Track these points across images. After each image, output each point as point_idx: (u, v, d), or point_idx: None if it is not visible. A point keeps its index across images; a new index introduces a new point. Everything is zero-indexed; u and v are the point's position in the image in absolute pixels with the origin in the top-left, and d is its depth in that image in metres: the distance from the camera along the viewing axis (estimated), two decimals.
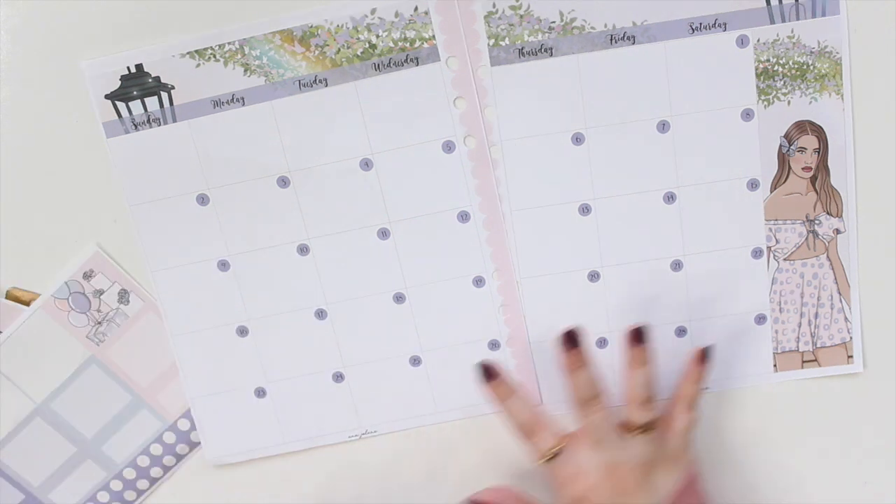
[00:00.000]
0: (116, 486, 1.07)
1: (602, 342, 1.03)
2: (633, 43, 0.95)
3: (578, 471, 0.94)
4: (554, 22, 0.94)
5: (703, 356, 0.98)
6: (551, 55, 0.95)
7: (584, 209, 0.99)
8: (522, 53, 0.95)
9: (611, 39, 0.95)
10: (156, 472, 1.07)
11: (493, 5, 0.94)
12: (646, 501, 0.94)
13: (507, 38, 0.95)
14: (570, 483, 0.95)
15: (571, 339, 0.95)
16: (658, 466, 0.95)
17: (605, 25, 0.94)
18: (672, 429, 0.97)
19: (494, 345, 1.03)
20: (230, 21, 0.94)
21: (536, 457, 0.96)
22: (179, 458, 1.06)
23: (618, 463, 0.93)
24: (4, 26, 0.94)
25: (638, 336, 0.95)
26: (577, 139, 0.97)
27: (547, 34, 0.95)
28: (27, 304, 1.01)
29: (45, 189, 0.98)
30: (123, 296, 1.01)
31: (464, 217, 0.99)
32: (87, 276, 1.00)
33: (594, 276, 1.01)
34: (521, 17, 0.94)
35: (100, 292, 1.01)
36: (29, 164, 0.98)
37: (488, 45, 0.95)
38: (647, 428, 0.95)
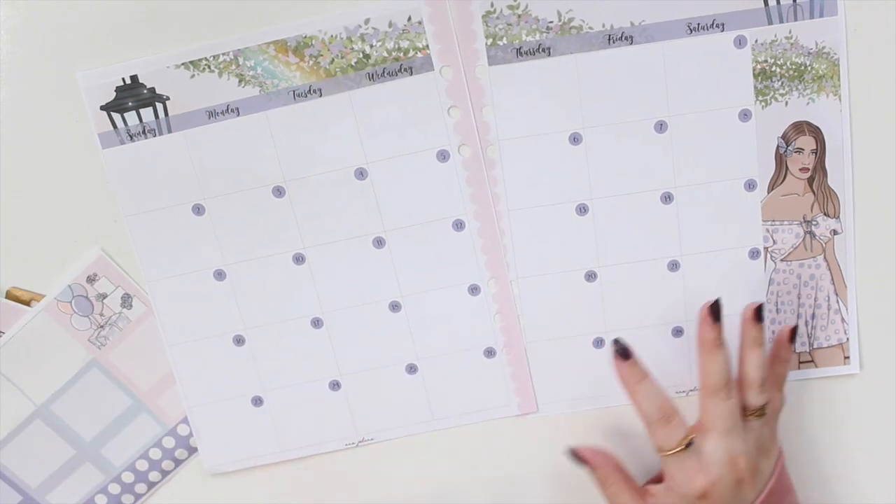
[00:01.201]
0: (114, 489, 1.08)
1: (598, 342, 1.03)
2: (631, 43, 0.95)
3: (703, 464, 0.92)
4: (552, 22, 0.94)
5: (792, 335, 0.99)
6: (549, 55, 0.95)
7: (582, 209, 0.99)
8: (520, 53, 0.95)
9: (609, 39, 0.94)
10: (154, 476, 1.07)
11: (491, 5, 0.93)
12: (754, 489, 0.93)
13: (504, 38, 0.94)
14: (691, 478, 0.92)
15: (716, 313, 0.93)
16: (762, 453, 0.94)
17: (603, 25, 0.94)
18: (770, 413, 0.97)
19: (490, 352, 1.03)
20: (224, 32, 0.93)
21: (669, 445, 0.92)
22: (178, 462, 1.07)
23: (739, 453, 0.92)
24: (4, 26, 0.94)
25: (757, 315, 0.94)
26: (575, 139, 0.97)
27: (545, 34, 0.94)
28: (27, 303, 1.01)
29: (46, 189, 0.99)
30: (126, 300, 1.02)
31: (459, 226, 0.99)
32: (91, 279, 1.01)
33: (591, 276, 1.01)
34: (520, 16, 0.94)
35: (103, 296, 1.02)
36: (29, 164, 0.98)
37: (486, 44, 0.94)
38: (762, 411, 0.94)
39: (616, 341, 0.93)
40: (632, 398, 0.93)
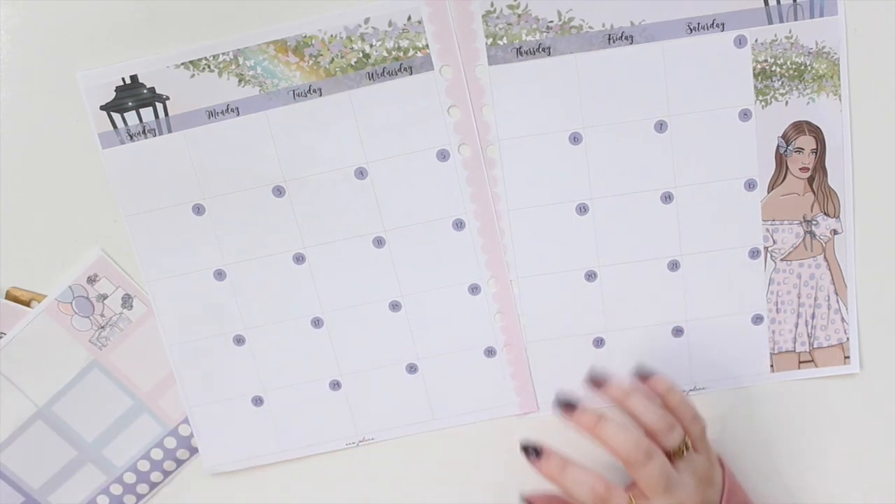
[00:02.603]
0: (116, 489, 1.08)
1: (599, 342, 1.03)
2: (631, 43, 0.95)
3: None
4: (552, 21, 0.94)
5: (644, 375, 0.94)
6: (549, 55, 0.95)
7: (582, 209, 0.99)
8: (520, 53, 0.95)
9: (609, 39, 0.94)
10: (156, 476, 1.07)
11: (492, 4, 0.93)
12: None
13: (504, 38, 0.94)
14: None
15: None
16: (703, 483, 0.93)
17: (603, 25, 0.94)
18: (693, 442, 0.94)
19: (490, 352, 1.03)
20: (224, 32, 0.93)
21: None
22: (180, 462, 1.07)
23: (683, 499, 0.89)
24: (4, 26, 0.94)
25: (594, 383, 0.92)
26: (575, 139, 0.97)
27: (545, 33, 0.94)
28: (26, 303, 1.01)
29: (46, 189, 0.99)
30: (127, 300, 1.02)
31: (459, 225, 0.99)
32: (91, 280, 1.01)
33: (591, 276, 1.01)
34: (520, 16, 0.94)
35: (103, 297, 1.02)
36: (29, 164, 0.98)
37: (486, 44, 0.94)
38: (683, 449, 0.91)
39: (525, 446, 0.89)
40: (564, 489, 0.89)
